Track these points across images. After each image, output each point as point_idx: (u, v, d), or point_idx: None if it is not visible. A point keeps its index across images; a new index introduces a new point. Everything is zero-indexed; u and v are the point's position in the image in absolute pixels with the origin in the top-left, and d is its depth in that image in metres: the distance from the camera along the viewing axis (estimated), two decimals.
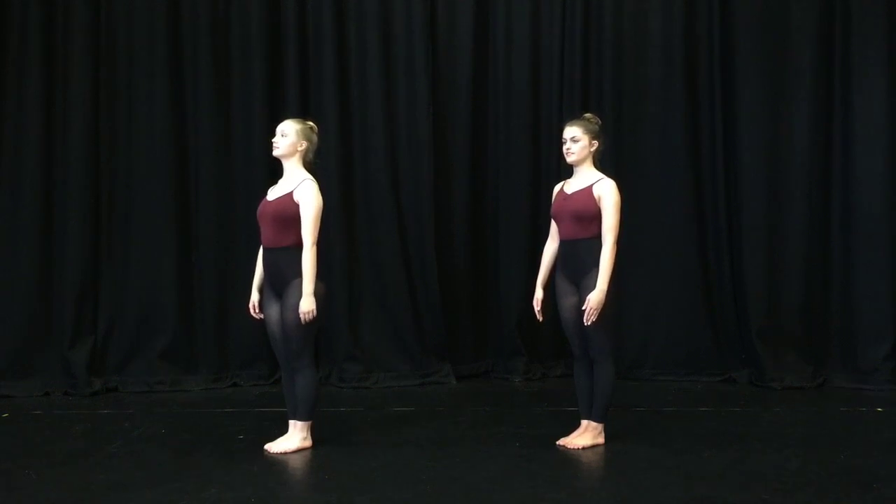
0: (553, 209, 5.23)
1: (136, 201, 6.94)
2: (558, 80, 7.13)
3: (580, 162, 5.17)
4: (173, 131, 6.92)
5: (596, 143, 5.17)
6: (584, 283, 5.04)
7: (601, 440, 5.18)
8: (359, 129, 7.07)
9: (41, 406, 6.37)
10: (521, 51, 7.17)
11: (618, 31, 7.09)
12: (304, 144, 5.14)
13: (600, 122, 5.27)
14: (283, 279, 5.03)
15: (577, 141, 5.13)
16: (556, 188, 5.34)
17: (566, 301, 5.16)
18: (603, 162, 7.08)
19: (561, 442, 5.18)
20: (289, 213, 5.00)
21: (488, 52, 7.22)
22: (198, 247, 6.97)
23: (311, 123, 5.25)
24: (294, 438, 5.11)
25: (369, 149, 7.06)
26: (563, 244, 5.15)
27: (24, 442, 5.42)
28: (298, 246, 5.02)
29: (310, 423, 5.13)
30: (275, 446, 5.11)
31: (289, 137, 5.12)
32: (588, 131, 5.15)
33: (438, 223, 7.13)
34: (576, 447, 5.11)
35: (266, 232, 5.08)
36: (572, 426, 5.26)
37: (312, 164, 5.20)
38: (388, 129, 7.07)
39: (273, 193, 5.14)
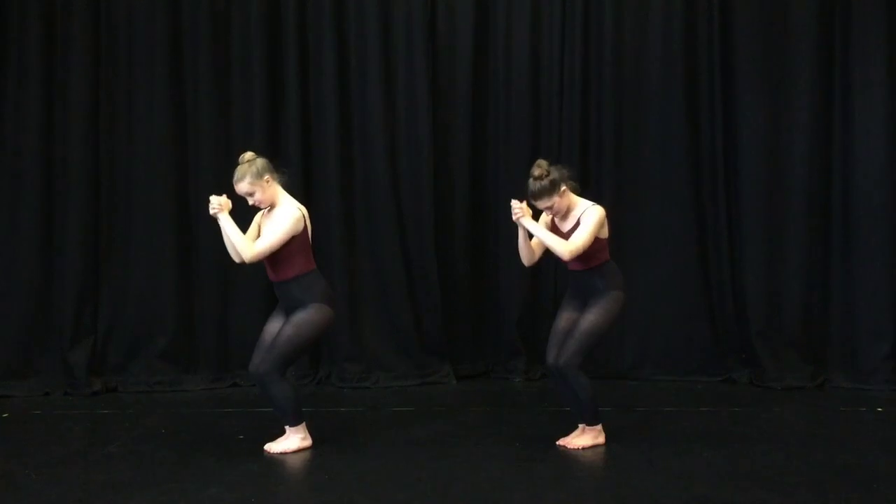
0: None
1: (136, 201, 6.94)
2: (558, 80, 7.12)
3: (565, 207, 5.07)
4: (173, 131, 6.92)
5: (564, 188, 5.01)
6: (591, 302, 5.08)
7: (601, 440, 5.18)
8: (359, 130, 7.07)
9: (41, 406, 6.37)
10: (521, 51, 7.16)
11: (618, 32, 7.08)
12: (266, 177, 5.00)
13: (549, 168, 5.00)
14: (298, 305, 5.05)
15: (552, 207, 5.02)
16: (546, 217, 5.20)
17: (567, 312, 5.19)
18: (603, 162, 7.16)
19: (561, 442, 5.19)
20: (286, 248, 4.99)
21: (488, 52, 7.21)
22: (198, 247, 6.97)
23: (247, 156, 5.05)
24: (293, 439, 5.12)
25: (369, 149, 7.06)
26: (574, 274, 5.14)
27: (24, 442, 5.42)
28: (306, 273, 5.03)
29: (302, 424, 5.14)
30: (275, 446, 5.11)
31: (257, 192, 4.99)
32: (553, 193, 4.96)
33: (438, 223, 7.13)
34: (576, 447, 5.12)
35: (269, 269, 5.10)
36: (572, 426, 5.26)
37: (284, 178, 5.12)
38: (388, 130, 7.06)
39: (263, 230, 5.11)
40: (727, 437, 5.38)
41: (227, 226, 4.97)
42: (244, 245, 4.96)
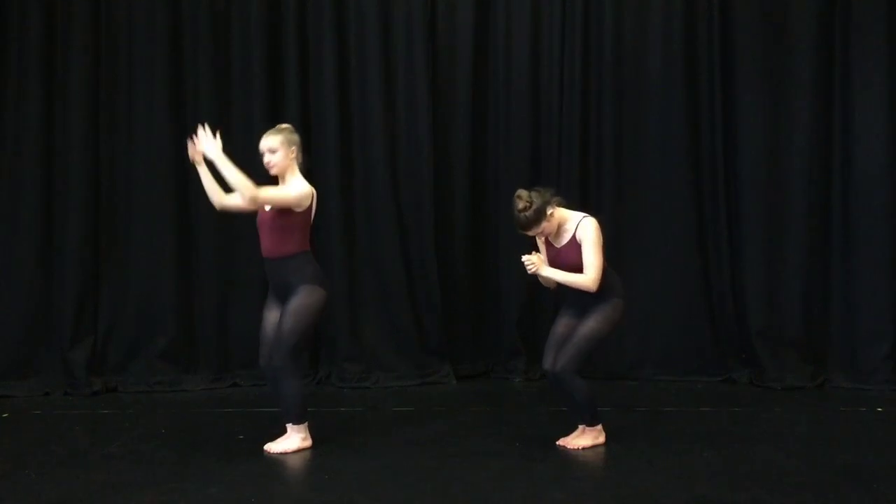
0: (547, 260, 5.14)
1: (136, 201, 6.94)
2: (558, 80, 7.12)
3: (556, 227, 5.05)
4: (173, 131, 6.91)
5: (551, 209, 4.96)
6: (590, 309, 5.06)
7: (601, 440, 5.19)
8: (359, 130, 7.07)
9: (41, 406, 6.37)
10: (521, 51, 7.17)
11: (618, 32, 7.08)
12: (294, 149, 5.04)
13: (531, 197, 4.91)
14: (288, 287, 5.03)
15: (541, 231, 5.00)
16: (540, 240, 5.18)
17: (566, 318, 5.17)
18: (603, 162, 7.16)
19: (561, 442, 5.19)
20: (287, 221, 4.98)
21: (488, 52, 7.22)
22: (198, 247, 6.97)
23: (286, 125, 5.16)
24: (293, 438, 5.11)
25: (369, 149, 7.06)
26: (569, 288, 5.10)
27: (24, 442, 5.42)
28: (300, 252, 5.02)
29: (305, 423, 5.14)
30: (275, 446, 5.11)
31: (279, 151, 5.01)
32: (541, 221, 4.92)
33: (438, 223, 7.13)
34: (576, 447, 5.12)
35: (265, 242, 5.07)
36: (572, 426, 5.26)
37: (304, 165, 5.14)
38: (388, 129, 7.07)
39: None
40: (727, 437, 5.38)
41: (223, 164, 4.83)
42: (246, 183, 4.82)
